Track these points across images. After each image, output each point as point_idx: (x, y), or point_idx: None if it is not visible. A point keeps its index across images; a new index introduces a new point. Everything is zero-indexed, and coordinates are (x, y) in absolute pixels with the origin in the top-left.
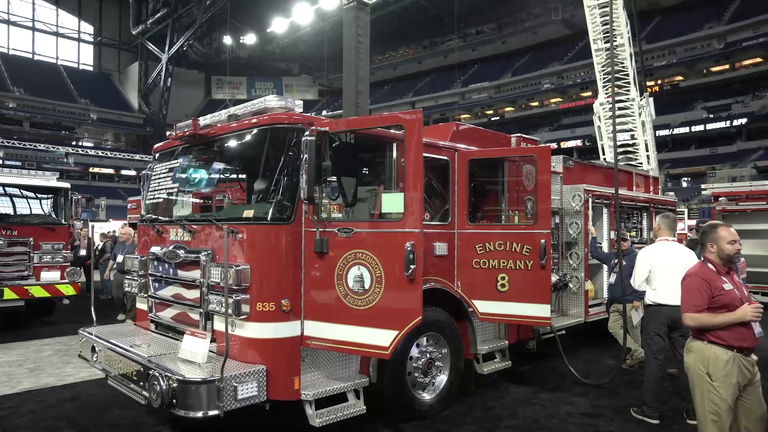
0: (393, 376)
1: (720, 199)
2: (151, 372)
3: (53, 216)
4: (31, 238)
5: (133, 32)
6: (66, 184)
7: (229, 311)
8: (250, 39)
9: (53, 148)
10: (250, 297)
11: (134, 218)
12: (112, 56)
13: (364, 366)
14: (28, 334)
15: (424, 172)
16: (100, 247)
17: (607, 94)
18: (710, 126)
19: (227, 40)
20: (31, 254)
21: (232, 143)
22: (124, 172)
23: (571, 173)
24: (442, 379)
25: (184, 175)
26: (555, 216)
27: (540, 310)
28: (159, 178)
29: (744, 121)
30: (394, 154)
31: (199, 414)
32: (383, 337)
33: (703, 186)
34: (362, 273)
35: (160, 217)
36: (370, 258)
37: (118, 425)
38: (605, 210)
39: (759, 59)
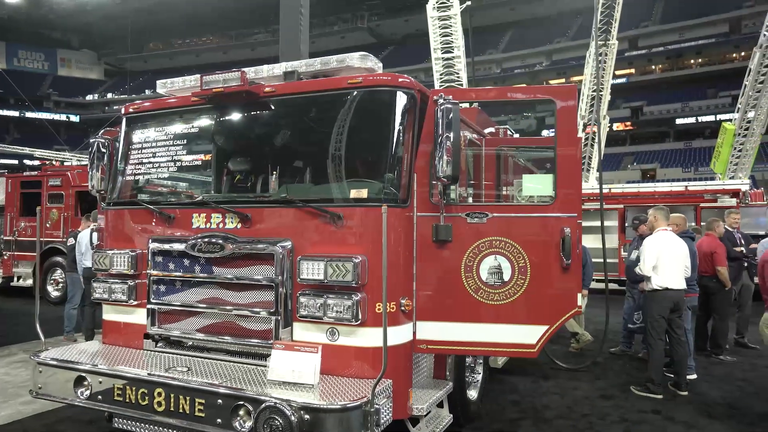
0: (459, 377)
1: None
2: (263, 403)
3: None
4: None
5: None
6: None
7: (346, 316)
8: None
9: None
10: (367, 297)
11: None
12: None
13: (439, 369)
14: None
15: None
16: None
17: None
18: None
19: None
20: None
21: (306, 106)
22: None
23: None
24: (479, 375)
25: (217, 143)
26: None
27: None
28: (157, 147)
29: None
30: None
31: None
32: (529, 334)
33: None
34: (500, 263)
35: (168, 198)
36: (511, 246)
37: None
38: None
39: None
